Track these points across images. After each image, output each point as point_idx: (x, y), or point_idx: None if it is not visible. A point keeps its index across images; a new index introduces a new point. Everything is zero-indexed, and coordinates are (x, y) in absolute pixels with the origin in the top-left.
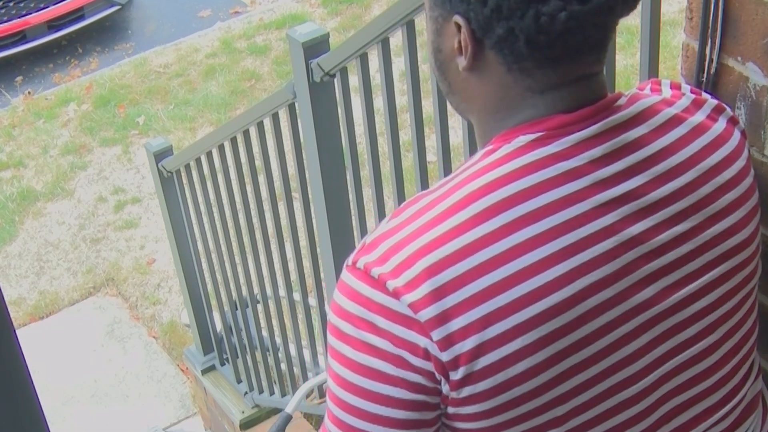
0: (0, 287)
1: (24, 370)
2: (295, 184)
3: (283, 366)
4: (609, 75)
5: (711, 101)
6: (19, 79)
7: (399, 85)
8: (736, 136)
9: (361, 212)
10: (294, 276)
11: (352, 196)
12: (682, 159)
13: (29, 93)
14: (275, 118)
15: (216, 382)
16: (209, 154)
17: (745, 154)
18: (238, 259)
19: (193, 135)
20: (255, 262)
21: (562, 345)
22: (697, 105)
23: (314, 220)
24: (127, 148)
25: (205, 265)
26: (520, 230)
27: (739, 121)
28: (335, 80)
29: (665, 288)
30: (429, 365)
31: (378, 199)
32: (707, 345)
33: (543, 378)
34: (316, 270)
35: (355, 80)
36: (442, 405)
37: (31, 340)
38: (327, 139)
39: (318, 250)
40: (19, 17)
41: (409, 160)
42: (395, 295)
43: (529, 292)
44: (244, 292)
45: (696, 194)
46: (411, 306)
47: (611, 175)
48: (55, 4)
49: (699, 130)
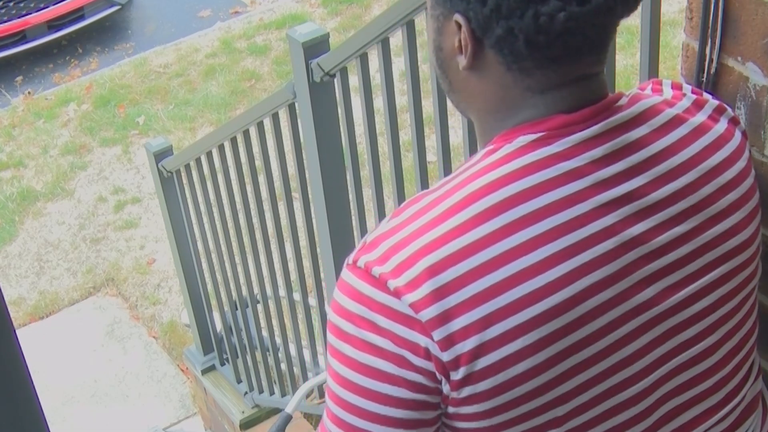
0: (0, 287)
1: (24, 370)
2: (295, 184)
3: (283, 366)
4: (609, 75)
5: (712, 102)
6: (19, 79)
7: (399, 85)
8: (737, 136)
9: (361, 212)
10: (294, 276)
11: (352, 196)
12: (683, 159)
13: (29, 93)
14: (275, 118)
15: (216, 382)
16: (209, 154)
17: (746, 155)
18: (238, 259)
19: (193, 135)
20: (255, 262)
21: (562, 345)
22: (698, 105)
23: (314, 220)
24: (127, 148)
25: (205, 265)
26: (521, 231)
27: (740, 121)
28: (335, 80)
29: (665, 289)
30: (430, 365)
31: (378, 199)
32: (707, 346)
33: (543, 378)
34: (316, 270)
35: (355, 80)
36: (442, 405)
37: (31, 340)
38: (327, 139)
39: (318, 250)
40: (19, 17)
41: (409, 160)
42: (396, 294)
43: (529, 292)
44: (244, 292)
45: (697, 195)
46: (412, 306)
47: (612, 176)
48: (55, 4)
49: (700, 130)
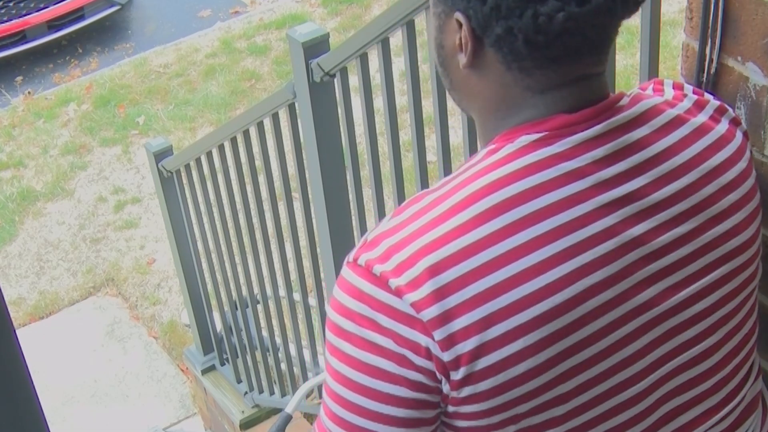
0: (0, 287)
1: (24, 370)
2: (295, 184)
3: (283, 366)
4: (609, 75)
5: (713, 102)
6: (19, 79)
7: (399, 85)
8: (739, 137)
9: (361, 212)
10: (294, 276)
11: (352, 196)
12: (684, 160)
13: (29, 93)
14: (275, 118)
15: (216, 382)
16: (209, 154)
17: (747, 155)
18: (238, 259)
19: (193, 135)
20: (255, 262)
21: (563, 346)
22: (700, 106)
23: (314, 220)
24: (127, 148)
25: (205, 265)
26: (522, 231)
27: (741, 122)
28: (335, 80)
29: (666, 289)
30: (430, 364)
31: (378, 199)
32: (707, 346)
33: (543, 378)
34: (316, 270)
35: (355, 80)
36: (442, 404)
37: (31, 340)
38: (327, 139)
39: (318, 250)
40: (19, 17)
41: (409, 160)
42: (397, 293)
43: (530, 293)
44: (244, 292)
45: (698, 195)
46: (413, 305)
47: (613, 176)
48: (55, 4)
49: (701, 131)
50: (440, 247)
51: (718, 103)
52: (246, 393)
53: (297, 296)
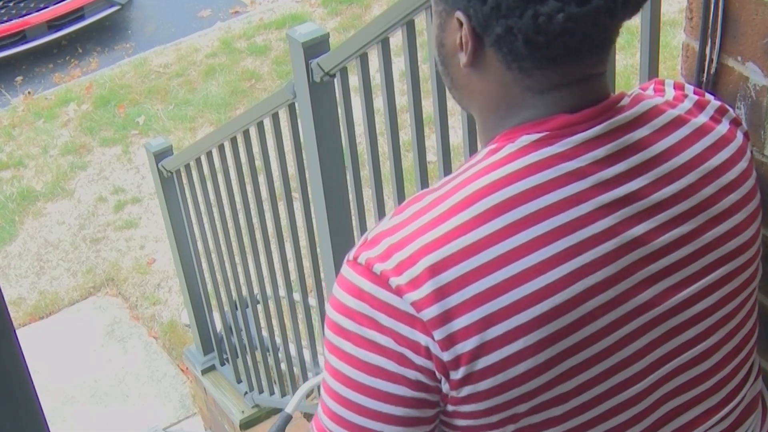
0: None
1: (24, 370)
2: (295, 184)
3: (283, 366)
4: (609, 75)
5: (714, 102)
6: (19, 79)
7: (399, 85)
8: (739, 137)
9: (361, 212)
10: (294, 276)
11: (352, 196)
12: (685, 160)
13: (29, 93)
14: (275, 118)
15: (216, 382)
16: (209, 154)
17: (747, 156)
18: (238, 259)
19: (193, 135)
20: (255, 262)
21: (563, 346)
22: (700, 106)
23: (314, 220)
24: (127, 148)
25: (205, 265)
26: (523, 231)
27: (742, 122)
28: (335, 80)
29: (666, 290)
30: (430, 364)
31: (378, 199)
32: (707, 347)
33: (543, 378)
34: (316, 270)
35: (355, 80)
36: (441, 403)
37: (31, 340)
38: (327, 139)
39: (318, 250)
40: (19, 17)
41: (409, 160)
42: (398, 292)
43: (531, 293)
44: (244, 292)
45: (698, 196)
46: (414, 304)
47: (614, 176)
48: (55, 4)
49: (702, 131)
50: (441, 246)
51: (718, 103)
52: (246, 393)
53: (297, 296)
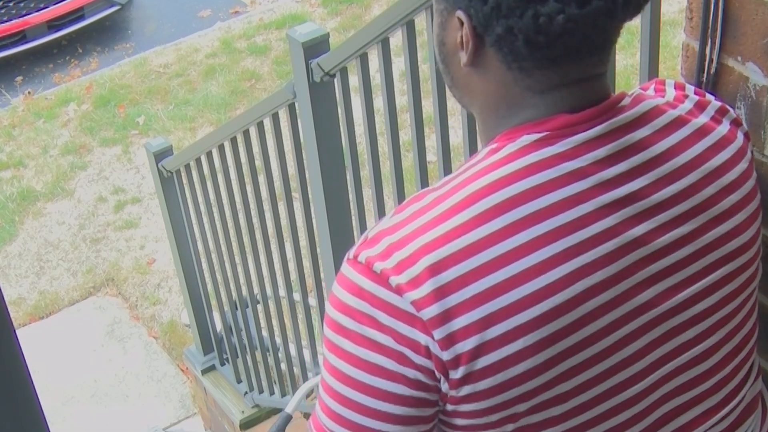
0: (0, 287)
1: (24, 370)
2: (295, 184)
3: (283, 366)
4: (609, 75)
5: (715, 103)
6: (19, 79)
7: (399, 85)
8: (740, 138)
9: (361, 212)
10: (294, 276)
11: (352, 196)
12: (686, 160)
13: (29, 93)
14: (275, 118)
15: (216, 382)
16: (209, 154)
17: (748, 156)
18: (238, 259)
19: (193, 135)
20: (255, 262)
21: (563, 346)
22: (701, 107)
23: (314, 220)
24: (127, 148)
25: (205, 265)
26: (523, 231)
27: (742, 123)
28: (335, 80)
29: (666, 290)
30: (429, 363)
31: (378, 199)
32: (707, 347)
33: (543, 378)
34: (316, 270)
35: (355, 80)
36: (440, 402)
37: (31, 340)
38: (327, 139)
39: (318, 250)
40: (19, 17)
41: (409, 160)
42: (398, 291)
43: (531, 293)
44: (244, 292)
45: (699, 196)
46: (414, 303)
47: (614, 176)
48: (55, 4)
49: (703, 131)
50: (441, 246)
51: (719, 104)
52: (246, 393)
53: (297, 296)
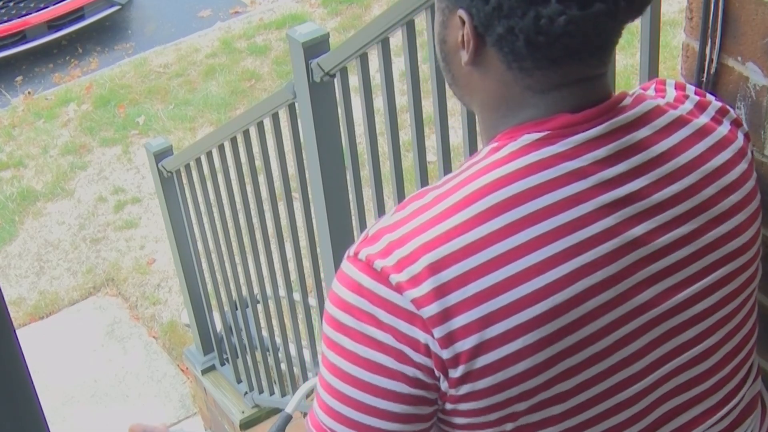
0: (0, 287)
1: (24, 370)
2: (295, 184)
3: (283, 366)
4: (609, 75)
5: (715, 103)
6: (19, 79)
7: (399, 85)
8: (740, 138)
9: (361, 212)
10: (294, 276)
11: (352, 196)
12: (686, 161)
13: (29, 93)
14: (275, 118)
15: (216, 382)
16: (209, 154)
17: (748, 157)
18: (238, 259)
19: (193, 135)
20: (255, 262)
21: (562, 346)
22: (701, 107)
23: (314, 220)
24: (127, 148)
25: (205, 265)
26: (523, 230)
27: (742, 123)
28: (335, 80)
29: (666, 290)
30: (429, 361)
31: (378, 199)
32: (707, 347)
33: (542, 377)
34: (316, 270)
35: (355, 80)
36: (439, 401)
37: (31, 340)
38: (327, 139)
39: (318, 250)
40: (19, 17)
41: (409, 160)
42: (398, 289)
43: (531, 292)
44: (244, 292)
45: (699, 196)
46: (414, 302)
47: (615, 176)
48: (55, 4)
49: (703, 132)
50: (441, 244)
51: (719, 104)
52: (246, 393)
53: (297, 296)
